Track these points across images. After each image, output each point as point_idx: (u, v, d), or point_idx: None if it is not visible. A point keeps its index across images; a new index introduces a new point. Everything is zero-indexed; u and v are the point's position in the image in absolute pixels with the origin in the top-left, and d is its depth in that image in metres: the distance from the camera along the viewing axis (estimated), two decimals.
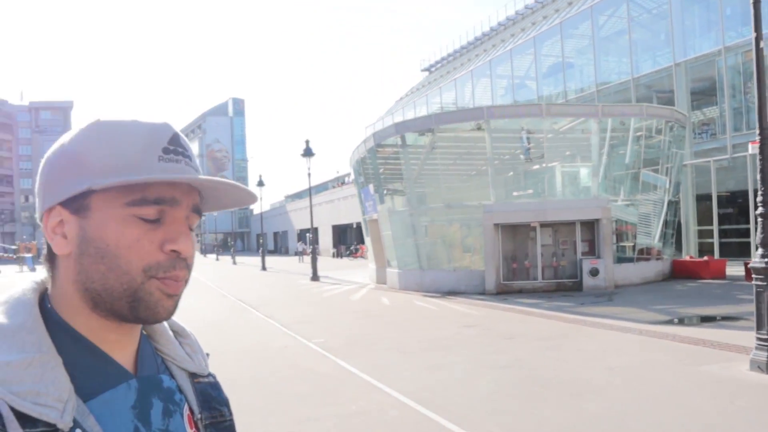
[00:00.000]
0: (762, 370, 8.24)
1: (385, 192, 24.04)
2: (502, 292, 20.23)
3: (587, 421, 6.61)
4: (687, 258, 23.59)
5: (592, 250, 20.48)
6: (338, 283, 27.58)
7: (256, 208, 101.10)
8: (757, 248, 8.59)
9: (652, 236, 22.24)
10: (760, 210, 8.57)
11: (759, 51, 8.59)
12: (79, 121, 0.94)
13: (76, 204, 0.87)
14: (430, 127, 20.84)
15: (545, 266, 20.93)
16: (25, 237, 77.62)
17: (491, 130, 20.23)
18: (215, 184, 0.91)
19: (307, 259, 41.85)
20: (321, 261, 37.91)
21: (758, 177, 8.63)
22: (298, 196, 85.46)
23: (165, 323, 1.06)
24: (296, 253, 59.30)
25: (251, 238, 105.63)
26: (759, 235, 8.52)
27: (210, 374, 1.10)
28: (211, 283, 30.40)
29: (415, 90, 60.56)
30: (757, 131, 8.64)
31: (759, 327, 8.43)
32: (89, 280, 0.87)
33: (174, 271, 0.89)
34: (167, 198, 0.88)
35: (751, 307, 14.72)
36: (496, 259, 20.41)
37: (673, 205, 23.68)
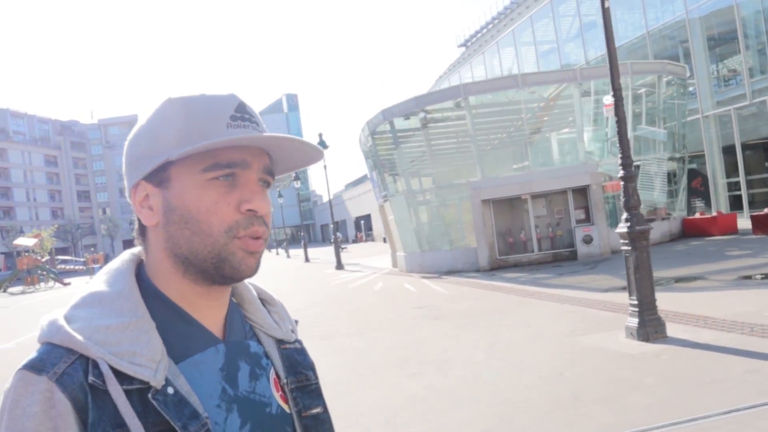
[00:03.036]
0: (633, 337, 8.04)
1: (386, 178, 24.18)
2: (497, 268, 20.09)
3: (401, 400, 6.70)
4: (697, 215, 22.63)
5: (589, 217, 20.02)
6: (359, 271, 27.94)
7: (324, 196, 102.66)
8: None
9: (654, 196, 21.46)
10: (621, 173, 8.32)
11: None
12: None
13: (158, 177, 0.94)
14: (413, 110, 20.79)
15: (542, 238, 20.61)
16: (93, 249, 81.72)
17: (470, 107, 20.00)
18: (280, 142, 0.95)
19: (353, 247, 42.37)
20: (365, 247, 38.41)
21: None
22: (353, 184, 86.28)
23: (254, 292, 1.13)
24: (342, 242, 60.29)
25: (316, 229, 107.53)
26: (622, 199, 8.28)
27: (297, 340, 1.14)
28: None
29: (452, 67, 59.93)
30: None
31: (630, 292, 8.21)
32: (177, 245, 0.94)
33: (252, 227, 0.94)
34: (238, 161, 0.93)
35: (727, 264, 14.30)
36: (488, 235, 20.25)
37: (680, 161, 22.74)
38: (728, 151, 27.08)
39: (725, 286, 11.71)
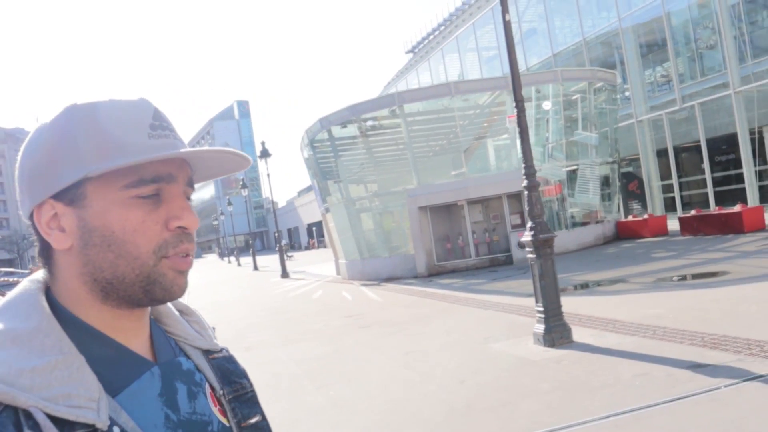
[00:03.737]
0: (540, 343, 8.17)
1: (326, 186, 24.15)
2: (436, 274, 20.23)
3: (301, 412, 6.69)
4: (630, 218, 23.20)
5: (524, 222, 20.29)
6: (303, 279, 27.80)
7: (280, 203, 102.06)
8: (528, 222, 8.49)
9: (589, 199, 21.92)
10: (524, 182, 8.48)
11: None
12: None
13: (70, 194, 0.84)
14: (349, 118, 20.83)
15: (479, 243, 20.83)
16: (29, 262, 79.56)
17: (405, 114, 20.14)
18: (211, 154, 0.91)
19: (306, 254, 42.20)
20: (315, 254, 38.23)
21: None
22: (306, 191, 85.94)
23: (169, 304, 1.04)
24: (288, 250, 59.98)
25: (270, 236, 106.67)
26: (526, 207, 8.43)
27: (223, 348, 1.08)
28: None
29: (400, 73, 60.21)
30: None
31: (536, 299, 8.35)
32: (97, 270, 0.85)
33: (182, 244, 0.88)
34: (164, 175, 0.87)
35: (650, 267, 14.65)
36: (426, 242, 20.38)
37: (613, 165, 23.28)
38: (662, 155, 27.83)
39: (643, 289, 12.00)
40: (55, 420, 0.75)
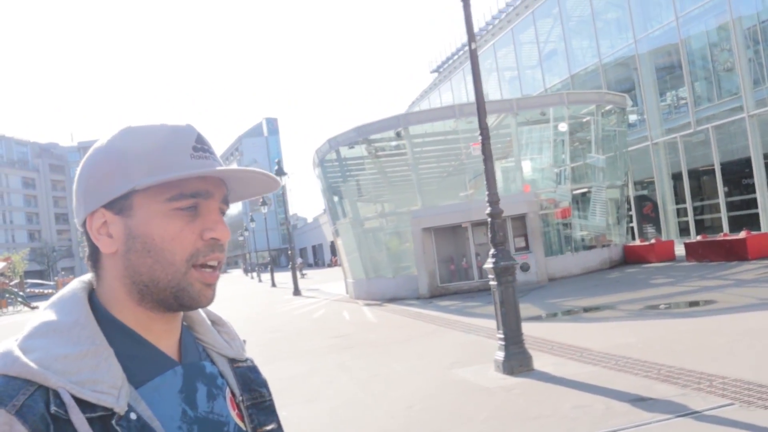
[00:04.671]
0: (500, 370, 8.22)
1: (335, 205, 24.39)
2: (438, 295, 20.25)
3: None
4: (638, 242, 22.97)
5: (528, 245, 20.27)
6: (313, 297, 28.01)
7: (308, 218, 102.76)
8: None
9: (595, 223, 21.78)
10: (488, 210, 8.55)
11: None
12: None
13: (119, 205, 0.95)
14: (356, 139, 21.07)
15: (482, 265, 20.78)
16: (62, 273, 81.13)
17: (410, 136, 20.30)
18: (241, 174, 1.01)
19: (327, 271, 42.38)
20: (334, 272, 38.27)
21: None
22: None
23: (202, 313, 1.15)
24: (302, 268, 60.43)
25: (296, 252, 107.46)
26: (489, 235, 8.50)
27: (248, 359, 1.16)
28: None
29: (424, 92, 60.50)
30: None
31: (498, 326, 8.40)
32: (137, 273, 0.95)
33: (213, 253, 0.97)
34: (202, 191, 0.97)
35: (644, 293, 14.53)
36: (429, 263, 20.45)
37: (622, 188, 23.12)
38: (677, 178, 27.52)
39: (626, 317, 11.94)
40: (79, 401, 0.85)
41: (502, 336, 8.24)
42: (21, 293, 52.07)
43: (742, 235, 17.96)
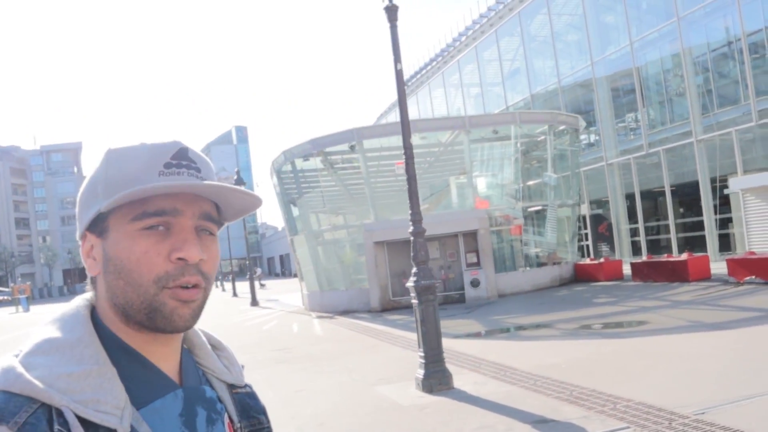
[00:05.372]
0: (420, 388, 8.32)
1: (292, 216, 24.41)
2: (390, 309, 20.34)
3: None
4: (587, 260, 23.38)
5: (480, 261, 20.48)
6: (269, 308, 27.90)
7: (278, 227, 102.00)
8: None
9: (546, 241, 22.11)
10: (411, 228, 8.70)
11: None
12: (87, 160, 1.11)
13: (99, 228, 0.95)
14: (311, 151, 21.15)
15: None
16: (19, 279, 79.54)
17: (364, 150, 20.46)
18: (208, 189, 0.95)
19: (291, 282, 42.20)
20: (296, 283, 38.19)
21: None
22: None
23: (203, 337, 1.12)
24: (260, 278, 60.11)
25: (263, 262, 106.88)
26: (412, 253, 8.64)
27: (247, 385, 1.15)
28: None
29: (392, 105, 60.81)
30: None
31: (419, 344, 8.52)
32: (114, 296, 0.94)
33: (183, 278, 0.92)
34: (168, 209, 0.92)
35: (583, 312, 14.78)
36: (381, 276, 20.54)
37: (574, 207, 23.52)
38: (631, 198, 28.10)
39: (559, 336, 12.15)
40: (82, 421, 0.84)
41: (422, 354, 8.35)
42: None
43: (684, 257, 18.40)
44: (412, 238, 8.69)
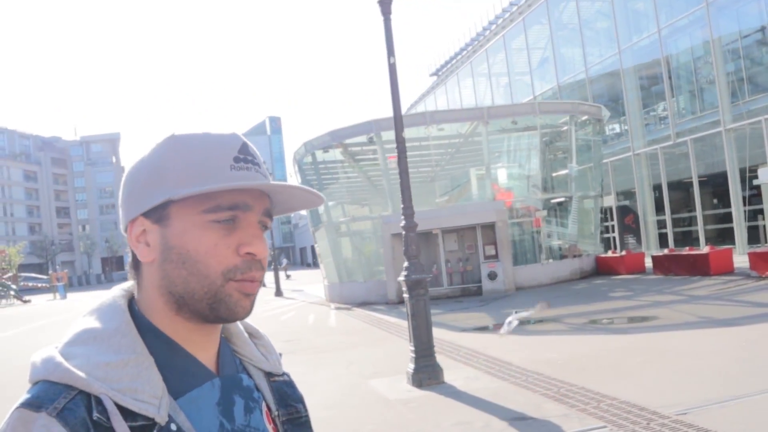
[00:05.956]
0: (410, 382, 8.35)
1: (315, 208, 24.57)
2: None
3: None
4: (609, 253, 23.03)
5: (498, 254, 20.36)
6: (292, 299, 28.16)
7: (305, 218, 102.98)
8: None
9: (567, 233, 21.86)
10: (402, 222, 8.68)
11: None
12: (128, 150, 1.24)
13: (157, 214, 0.94)
14: (330, 143, 21.23)
15: (453, 272, 20.94)
16: (59, 267, 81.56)
17: (382, 141, 20.45)
18: (283, 189, 0.97)
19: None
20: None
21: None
22: None
23: (240, 326, 1.12)
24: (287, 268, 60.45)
25: (296, 252, 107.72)
26: (404, 247, 8.64)
27: (285, 373, 1.14)
28: None
29: (422, 95, 60.67)
30: None
31: (410, 339, 8.53)
32: (172, 284, 0.93)
33: (250, 272, 0.94)
34: (240, 204, 0.93)
35: (596, 306, 14.61)
36: (398, 268, 20.49)
37: (597, 199, 23.18)
38: (658, 190, 27.58)
39: (565, 331, 12.05)
40: (120, 409, 0.84)
41: (413, 348, 8.37)
42: (14, 286, 52.47)
43: (705, 250, 18.02)
44: (403, 233, 8.69)
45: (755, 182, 22.44)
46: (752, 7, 23.37)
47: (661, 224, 27.69)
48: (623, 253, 21.80)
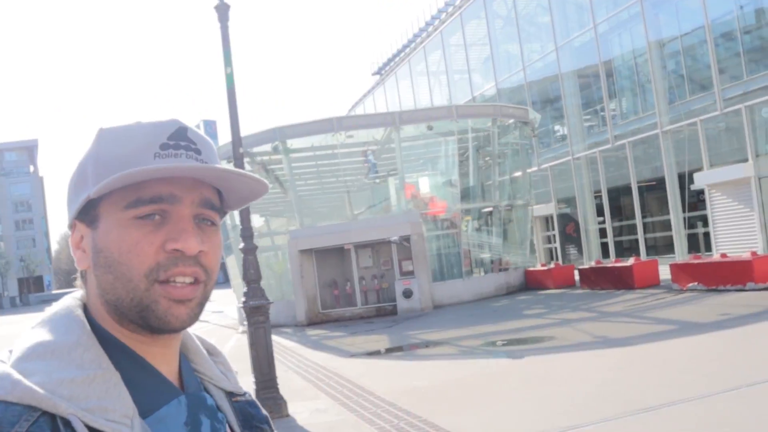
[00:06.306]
0: None
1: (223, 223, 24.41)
2: (318, 322, 20.33)
3: None
4: (539, 266, 23.39)
5: (415, 270, 20.47)
6: (206, 321, 27.81)
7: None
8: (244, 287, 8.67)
9: (491, 245, 22.12)
10: (241, 245, 8.68)
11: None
12: (48, 158, 1.01)
13: (89, 216, 0.91)
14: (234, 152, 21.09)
15: (368, 290, 20.99)
16: None
17: (288, 150, 20.44)
18: (212, 173, 0.91)
19: None
20: None
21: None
22: None
23: (197, 342, 1.09)
24: None
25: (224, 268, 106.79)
26: (242, 271, 8.63)
27: (246, 392, 1.12)
28: None
29: (363, 96, 60.91)
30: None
31: (252, 369, 8.52)
32: (105, 291, 0.90)
33: (176, 268, 0.89)
34: (165, 195, 0.89)
35: (504, 326, 14.80)
36: (308, 288, 20.53)
37: (526, 208, 23.52)
38: (599, 196, 28.09)
39: (456, 355, 12.19)
40: (90, 430, 0.81)
41: (253, 380, 8.35)
42: None
43: (630, 262, 18.43)
44: (242, 255, 8.68)
45: (692, 187, 23.06)
46: (692, 2, 24.04)
47: (603, 233, 28.21)
48: (552, 266, 22.14)
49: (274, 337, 17.88)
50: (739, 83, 22.11)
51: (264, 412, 1.13)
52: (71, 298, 0.96)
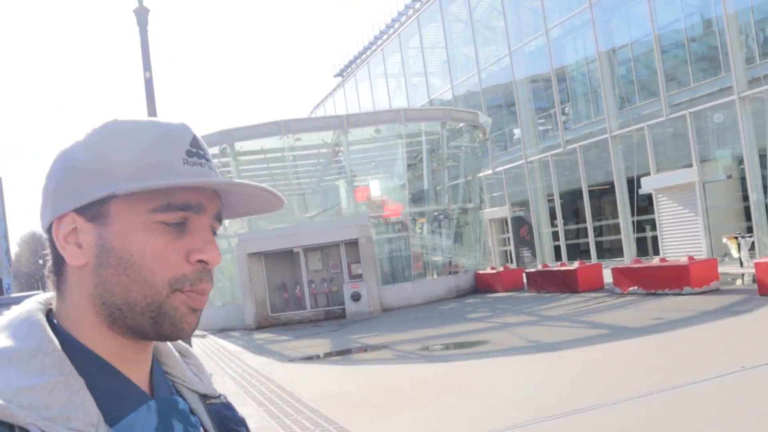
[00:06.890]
0: None
1: None
2: (267, 326, 20.30)
3: None
4: (488, 269, 23.61)
5: (365, 273, 20.54)
6: None
7: None
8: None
9: (441, 248, 22.28)
10: None
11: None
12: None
13: (93, 210, 0.87)
14: None
15: (317, 293, 21.02)
16: None
17: (236, 153, 20.39)
18: (244, 189, 0.91)
19: None
20: None
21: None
22: None
23: (169, 344, 1.05)
24: None
25: None
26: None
27: (221, 395, 1.09)
28: None
29: (324, 99, 60.92)
30: None
31: None
32: (109, 293, 0.87)
33: (201, 284, 0.88)
34: (193, 204, 0.88)
35: (440, 331, 14.94)
36: (257, 291, 20.49)
37: (476, 211, 23.72)
38: (552, 199, 28.45)
39: (389, 360, 12.28)
40: None
41: None
42: None
43: (575, 266, 18.70)
44: None
45: (640, 192, 23.48)
46: (642, 9, 24.46)
47: (556, 236, 28.57)
48: (500, 269, 22.36)
49: (220, 341, 17.92)
50: (686, 89, 22.61)
51: (240, 414, 1.11)
52: (32, 302, 0.93)
